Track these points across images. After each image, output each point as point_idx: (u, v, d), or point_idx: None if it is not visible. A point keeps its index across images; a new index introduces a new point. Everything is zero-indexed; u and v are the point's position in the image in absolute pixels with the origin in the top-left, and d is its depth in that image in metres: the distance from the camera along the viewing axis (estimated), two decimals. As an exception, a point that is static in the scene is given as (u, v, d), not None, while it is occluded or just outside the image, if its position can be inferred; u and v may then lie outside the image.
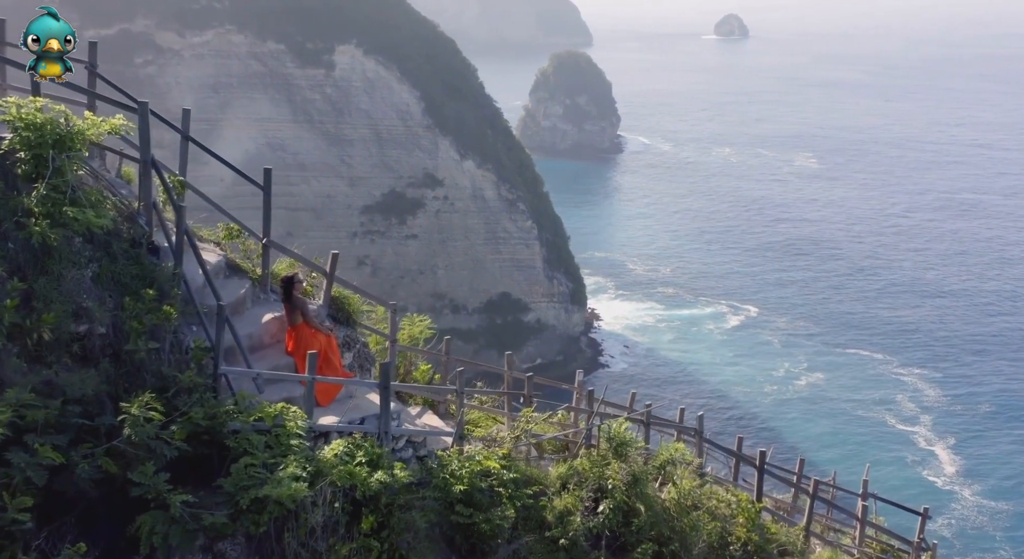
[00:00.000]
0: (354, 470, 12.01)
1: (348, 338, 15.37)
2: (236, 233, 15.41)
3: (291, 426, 12.28)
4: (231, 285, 14.61)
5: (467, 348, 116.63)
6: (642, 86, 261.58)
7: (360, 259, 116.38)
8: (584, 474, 15.00)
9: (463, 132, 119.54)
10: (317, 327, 14.22)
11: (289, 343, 14.25)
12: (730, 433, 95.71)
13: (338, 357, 14.48)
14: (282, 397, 13.48)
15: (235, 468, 11.40)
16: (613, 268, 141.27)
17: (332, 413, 13.77)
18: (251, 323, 14.33)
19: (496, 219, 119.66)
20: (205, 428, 11.85)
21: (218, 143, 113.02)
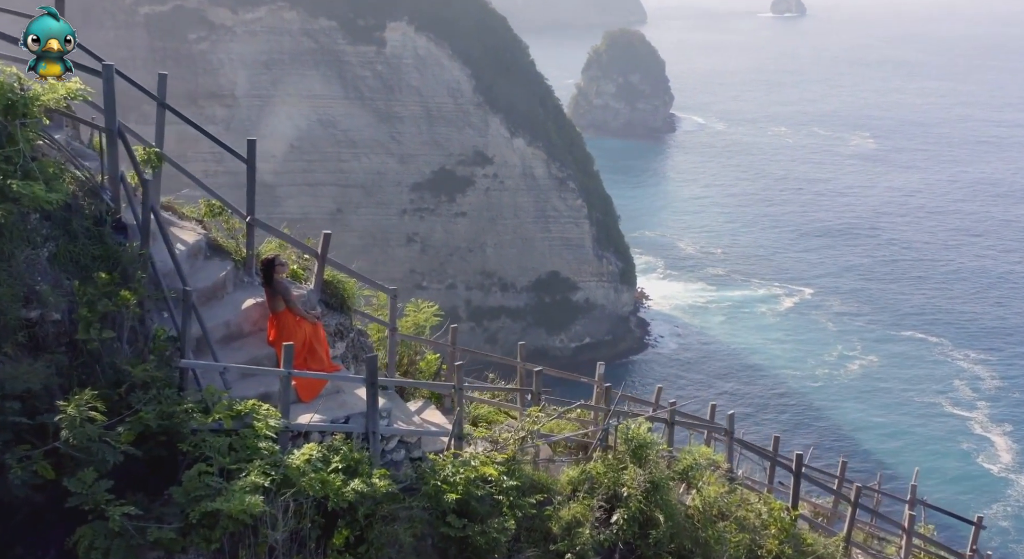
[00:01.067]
0: (327, 478, 10.59)
1: (341, 326, 13.93)
2: (218, 210, 13.99)
3: (260, 426, 10.88)
4: (210, 267, 13.22)
5: (515, 326, 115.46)
6: (696, 65, 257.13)
7: (409, 236, 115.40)
8: (597, 479, 13.45)
9: (513, 110, 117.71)
10: (301, 314, 12.79)
11: (271, 332, 12.84)
12: (776, 420, 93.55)
13: (325, 347, 13.05)
14: (259, 392, 12.10)
15: (187, 475, 10.04)
16: (663, 248, 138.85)
17: (315, 410, 12.36)
18: (230, 309, 12.94)
19: (546, 197, 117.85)
20: (162, 428, 10.51)
21: (270, 119, 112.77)
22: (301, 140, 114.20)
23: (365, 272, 13.20)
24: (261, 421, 10.97)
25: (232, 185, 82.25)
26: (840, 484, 19.35)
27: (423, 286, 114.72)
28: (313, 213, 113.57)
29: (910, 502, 18.68)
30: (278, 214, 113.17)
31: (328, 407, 12.42)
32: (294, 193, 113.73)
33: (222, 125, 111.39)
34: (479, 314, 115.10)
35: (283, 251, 14.12)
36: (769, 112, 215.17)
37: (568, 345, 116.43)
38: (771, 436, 19.61)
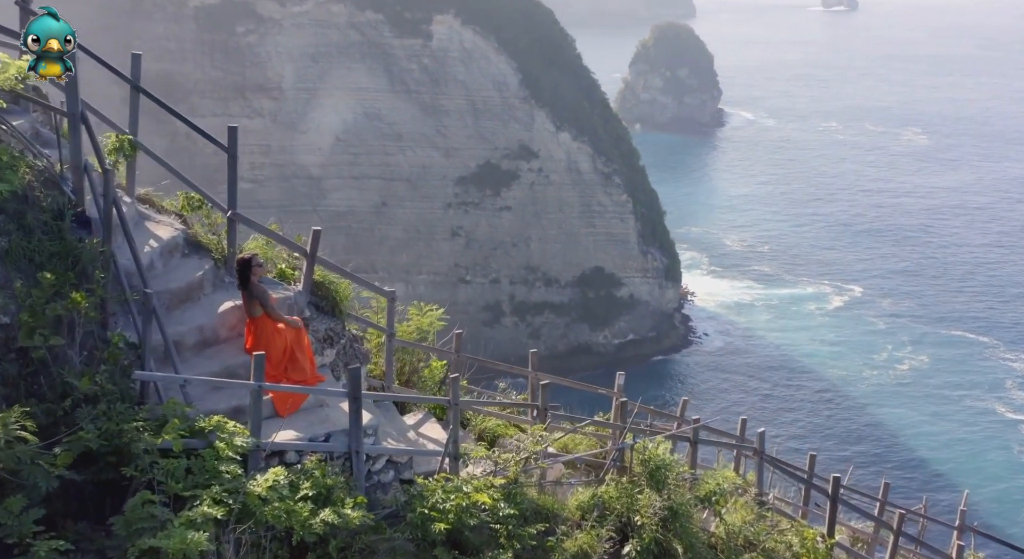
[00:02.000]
0: (293, 507, 9.32)
1: (331, 332, 12.66)
2: (198, 204, 12.77)
3: (222, 447, 9.65)
4: (187, 266, 12.02)
5: (558, 322, 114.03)
6: (745, 59, 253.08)
7: (454, 230, 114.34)
8: (609, 504, 12.07)
9: (559, 104, 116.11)
10: (281, 319, 11.55)
11: (248, 339, 11.61)
12: (819, 425, 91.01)
13: (309, 356, 11.80)
14: (231, 406, 10.88)
15: (130, 504, 8.82)
16: (709, 244, 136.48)
17: (294, 426, 11.12)
18: (206, 313, 11.73)
19: (591, 192, 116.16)
20: (108, 449, 9.32)
21: (316, 112, 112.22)
22: (347, 133, 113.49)
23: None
24: (225, 440, 9.75)
25: (277, 178, 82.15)
26: (882, 509, 17.74)
27: (467, 280, 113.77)
28: (358, 206, 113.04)
29: (959, 529, 17.04)
30: (323, 207, 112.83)
31: (308, 423, 11.17)
32: (339, 186, 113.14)
33: (269, 118, 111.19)
34: (522, 309, 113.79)
35: (271, 249, 12.89)
36: (819, 108, 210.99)
37: (611, 341, 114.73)
38: (811, 445, 18.04)
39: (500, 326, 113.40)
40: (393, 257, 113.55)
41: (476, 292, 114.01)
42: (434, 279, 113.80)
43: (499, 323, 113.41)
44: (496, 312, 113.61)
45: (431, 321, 15.66)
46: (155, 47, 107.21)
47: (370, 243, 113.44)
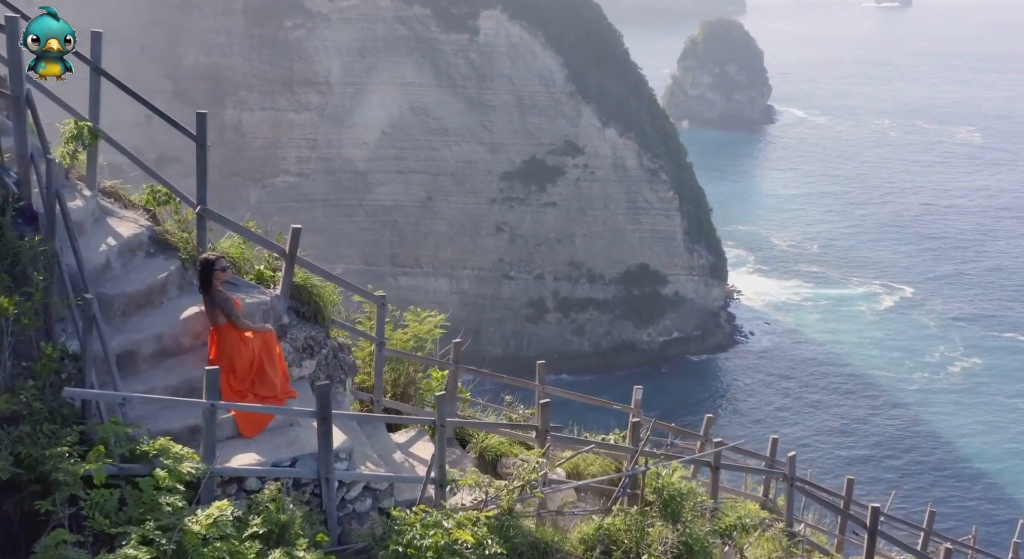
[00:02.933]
0: (237, 548, 8.02)
1: (311, 340, 11.37)
2: (164, 198, 11.53)
3: (161, 476, 8.39)
4: (150, 267, 10.79)
5: (602, 319, 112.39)
6: (796, 56, 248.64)
7: (499, 225, 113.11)
8: (616, 537, 10.67)
9: (606, 100, 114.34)
10: (248, 327, 10.28)
11: (212, 349, 10.36)
12: (864, 432, 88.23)
13: (281, 368, 10.52)
14: (187, 425, 9.63)
15: (43, 544, 7.60)
16: (756, 243, 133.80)
17: (258, 449, 9.85)
18: (167, 319, 10.49)
19: (637, 189, 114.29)
20: (33, 477, 8.11)
21: (363, 106, 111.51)
22: (393, 127, 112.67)
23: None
24: (169, 466, 8.50)
25: (323, 172, 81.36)
26: (927, 540, 16.07)
27: (511, 276, 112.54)
28: (403, 201, 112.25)
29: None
30: (369, 201, 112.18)
31: (274, 445, 9.89)
32: (385, 180, 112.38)
33: (316, 112, 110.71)
34: (566, 305, 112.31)
35: (250, 249, 11.64)
36: (871, 105, 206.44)
37: (656, 339, 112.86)
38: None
39: (544, 322, 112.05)
40: (438, 252, 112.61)
41: (520, 288, 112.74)
42: (478, 275, 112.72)
43: (543, 319, 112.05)
44: (540, 308, 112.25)
45: (429, 328, 14.28)
46: (204, 41, 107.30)
47: (415, 238, 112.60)
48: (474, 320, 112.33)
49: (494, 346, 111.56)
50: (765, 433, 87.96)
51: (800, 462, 44.90)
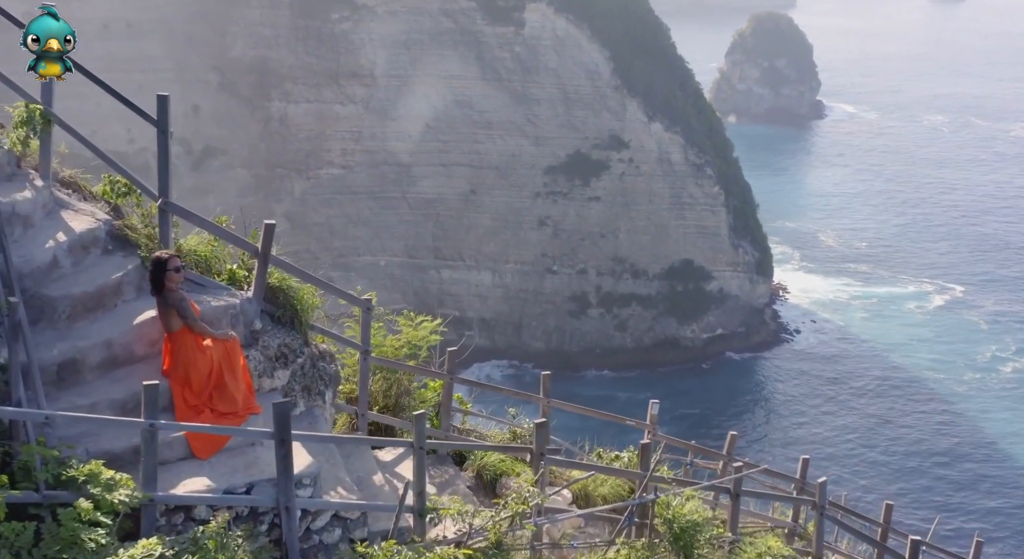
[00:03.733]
0: (164, 596, 6.86)
1: (286, 348, 10.17)
2: (124, 189, 10.37)
3: (85, 507, 7.24)
4: (105, 265, 9.63)
5: (645, 314, 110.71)
6: (847, 50, 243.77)
7: (542, 219, 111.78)
8: (621, 576, 9.37)
9: (652, 94, 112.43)
10: (207, 333, 9.10)
11: (165, 358, 9.19)
12: (910, 440, 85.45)
13: (245, 380, 9.31)
14: (132, 445, 8.46)
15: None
16: (804, 239, 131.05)
17: (212, 472, 8.66)
18: (120, 323, 9.30)
19: (682, 184, 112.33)
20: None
21: (407, 99, 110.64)
22: (437, 120, 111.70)
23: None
24: (97, 495, 7.34)
25: (368, 164, 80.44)
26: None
27: (554, 270, 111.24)
28: (447, 194, 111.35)
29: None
30: (412, 194, 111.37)
31: (231, 468, 8.68)
32: (429, 173, 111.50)
33: (361, 104, 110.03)
34: (609, 300, 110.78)
35: (223, 247, 10.47)
36: (924, 101, 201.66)
37: (699, 336, 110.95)
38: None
39: (586, 317, 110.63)
40: (480, 246, 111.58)
41: (563, 282, 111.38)
42: (521, 268, 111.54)
43: (585, 314, 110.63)
44: (582, 303, 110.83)
45: (424, 334, 13.01)
46: (251, 33, 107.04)
47: (458, 231, 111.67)
48: (516, 314, 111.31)
49: (536, 340, 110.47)
50: (805, 438, 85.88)
51: (838, 474, 43.46)
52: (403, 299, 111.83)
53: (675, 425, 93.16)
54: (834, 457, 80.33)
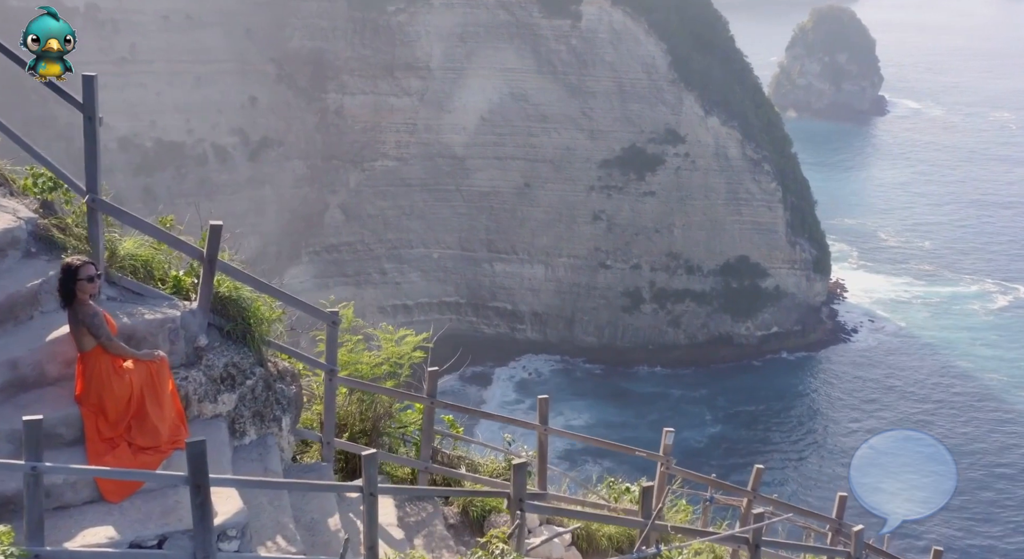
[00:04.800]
0: None
1: (234, 368, 8.69)
2: (50, 184, 8.97)
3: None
4: (23, 270, 8.20)
5: (699, 311, 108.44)
6: (911, 45, 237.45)
7: (596, 214, 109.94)
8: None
9: (709, 87, 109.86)
10: (126, 353, 7.66)
11: (78, 381, 7.77)
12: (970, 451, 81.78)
13: (168, 408, 7.82)
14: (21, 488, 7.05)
15: None
16: (863, 237, 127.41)
17: (123, 520, 7.24)
18: (31, 339, 7.88)
19: (738, 179, 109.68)
20: None
21: (463, 92, 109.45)
22: (492, 113, 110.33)
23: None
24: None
25: (422, 156, 79.22)
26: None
27: (607, 265, 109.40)
28: (501, 187, 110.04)
29: None
30: (466, 187, 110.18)
31: (144, 514, 7.22)
32: (483, 166, 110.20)
33: (416, 97, 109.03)
34: (663, 296, 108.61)
35: (170, 252, 9.04)
36: (990, 97, 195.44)
37: (754, 333, 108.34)
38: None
39: (639, 313, 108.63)
40: (534, 239, 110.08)
41: (616, 277, 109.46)
42: (574, 263, 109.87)
43: (638, 310, 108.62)
44: (636, 298, 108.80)
45: (407, 351, 11.40)
46: (308, 25, 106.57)
47: (511, 224, 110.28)
48: (568, 308, 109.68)
49: (588, 335, 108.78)
50: (856, 447, 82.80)
51: None
52: (455, 292, 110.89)
53: (728, 423, 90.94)
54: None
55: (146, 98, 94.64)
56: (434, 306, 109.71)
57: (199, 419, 8.46)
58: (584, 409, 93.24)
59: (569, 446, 73.40)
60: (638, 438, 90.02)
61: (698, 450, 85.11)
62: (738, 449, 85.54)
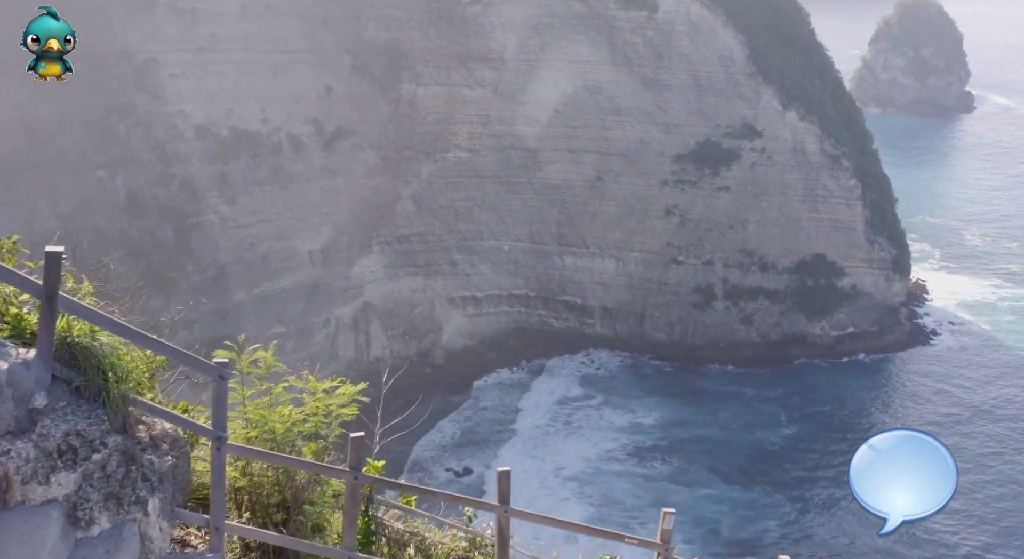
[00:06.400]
0: None
1: (78, 437, 6.63)
2: None
3: None
4: None
5: (773, 309, 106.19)
6: (1001, 40, 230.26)
7: (668, 208, 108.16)
8: None
9: (788, 81, 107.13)
10: None
11: None
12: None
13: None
14: None
15: None
16: (946, 237, 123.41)
17: None
18: None
19: (816, 175, 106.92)
20: None
21: (536, 84, 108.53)
22: (566, 105, 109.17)
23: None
24: None
25: (494, 148, 78.31)
26: None
27: (679, 260, 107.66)
28: (573, 180, 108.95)
29: None
30: (538, 179, 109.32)
31: None
32: (555, 159, 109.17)
33: (489, 88, 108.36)
34: (735, 293, 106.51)
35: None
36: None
37: (828, 333, 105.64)
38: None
39: (711, 310, 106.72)
40: (605, 233, 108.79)
41: (688, 273, 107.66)
42: (645, 257, 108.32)
43: (710, 307, 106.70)
44: (707, 295, 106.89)
45: (335, 407, 9.11)
46: (383, 15, 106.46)
47: (583, 217, 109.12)
48: (639, 304, 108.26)
49: (658, 331, 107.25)
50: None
51: (962, 525, 38.07)
52: (525, 284, 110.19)
53: (803, 424, 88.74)
54: (963, 493, 73.95)
55: (223, 87, 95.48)
56: (503, 298, 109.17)
57: (24, 506, 6.40)
58: (655, 407, 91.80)
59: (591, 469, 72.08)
60: (709, 437, 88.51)
61: (773, 453, 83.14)
62: (814, 450, 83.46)
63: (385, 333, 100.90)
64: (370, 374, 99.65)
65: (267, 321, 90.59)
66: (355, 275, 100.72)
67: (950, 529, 69.15)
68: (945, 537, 68.40)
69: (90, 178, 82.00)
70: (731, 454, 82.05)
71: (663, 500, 75.89)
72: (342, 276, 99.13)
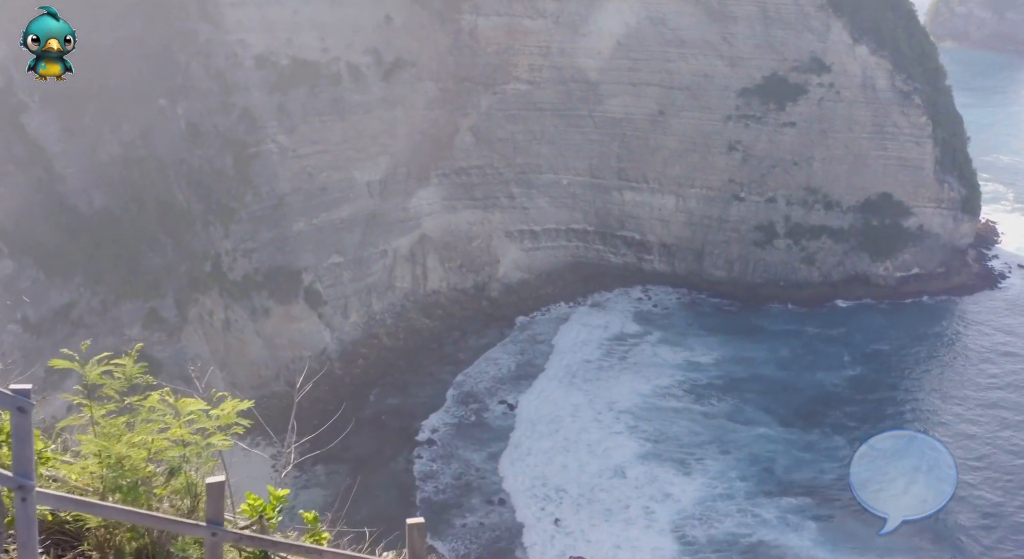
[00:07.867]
0: None
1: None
2: None
3: None
4: None
5: (836, 248, 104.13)
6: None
7: (731, 144, 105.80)
8: None
9: (859, 14, 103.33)
10: None
11: None
12: None
13: None
14: None
15: None
16: (1020, 177, 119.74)
17: None
18: None
19: (885, 112, 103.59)
20: None
21: (599, 15, 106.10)
22: (628, 38, 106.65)
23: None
24: None
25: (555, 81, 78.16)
26: None
27: (741, 197, 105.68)
28: (634, 113, 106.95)
29: None
30: (599, 113, 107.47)
31: None
32: (617, 92, 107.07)
33: (551, 19, 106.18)
34: (798, 232, 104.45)
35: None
36: None
37: (892, 274, 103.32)
38: None
39: (772, 248, 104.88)
40: (666, 168, 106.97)
41: (749, 210, 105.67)
42: (706, 194, 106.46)
43: (771, 245, 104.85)
44: (769, 233, 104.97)
45: (219, 430, 7.21)
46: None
47: (643, 152, 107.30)
48: (698, 240, 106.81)
49: (717, 269, 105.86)
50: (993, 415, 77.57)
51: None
52: (583, 219, 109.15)
53: (866, 365, 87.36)
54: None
55: (283, 15, 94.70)
56: (561, 233, 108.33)
57: None
58: (713, 345, 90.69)
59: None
60: (768, 376, 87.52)
61: (835, 394, 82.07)
62: (876, 393, 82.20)
63: (442, 265, 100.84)
64: (427, 306, 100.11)
65: (325, 251, 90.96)
66: (413, 207, 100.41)
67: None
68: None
69: (151, 106, 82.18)
70: (790, 394, 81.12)
71: (721, 437, 75.47)
72: (400, 208, 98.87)
